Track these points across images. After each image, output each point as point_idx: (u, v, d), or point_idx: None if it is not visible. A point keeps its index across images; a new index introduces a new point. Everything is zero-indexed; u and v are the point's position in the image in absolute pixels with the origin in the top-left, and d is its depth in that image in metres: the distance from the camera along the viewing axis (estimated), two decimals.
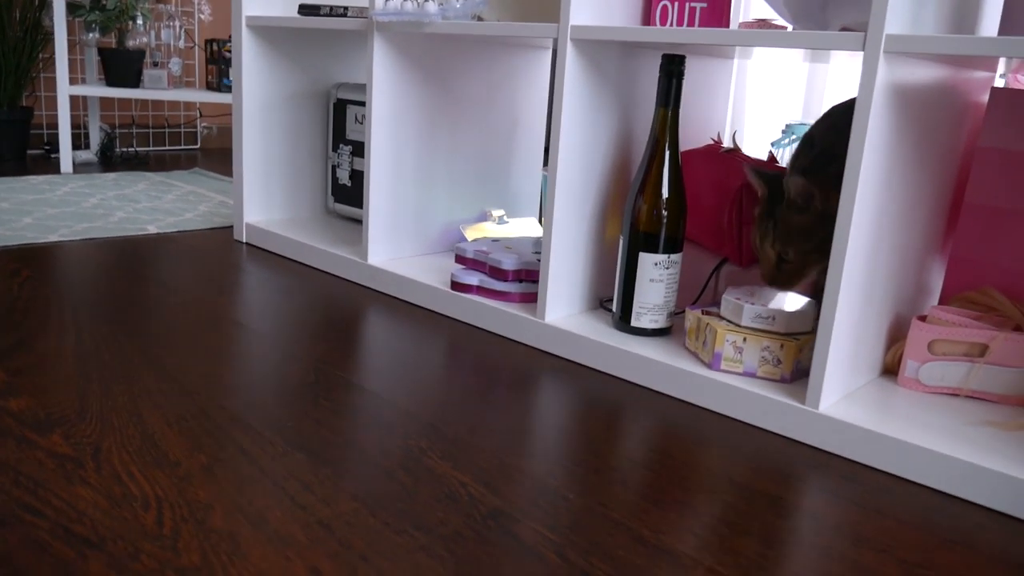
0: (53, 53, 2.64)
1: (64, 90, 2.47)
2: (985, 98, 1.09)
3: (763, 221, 1.07)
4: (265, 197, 1.75)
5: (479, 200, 1.62)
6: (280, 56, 1.71)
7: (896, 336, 1.05)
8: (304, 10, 1.53)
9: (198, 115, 3.26)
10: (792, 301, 1.03)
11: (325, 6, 1.50)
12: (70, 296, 1.31)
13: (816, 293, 1.15)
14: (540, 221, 1.70)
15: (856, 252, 0.89)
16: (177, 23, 2.70)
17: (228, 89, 2.71)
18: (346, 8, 1.47)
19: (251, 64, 1.67)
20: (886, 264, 0.97)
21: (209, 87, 2.79)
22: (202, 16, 2.89)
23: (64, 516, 0.69)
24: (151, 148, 3.15)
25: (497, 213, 1.60)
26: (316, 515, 0.72)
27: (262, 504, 0.73)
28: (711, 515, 0.76)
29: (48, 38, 2.63)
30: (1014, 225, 1.05)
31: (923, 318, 1.00)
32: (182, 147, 3.24)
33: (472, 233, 1.53)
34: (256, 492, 0.75)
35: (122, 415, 0.90)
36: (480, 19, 1.38)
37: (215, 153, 3.19)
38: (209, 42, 2.78)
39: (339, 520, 0.72)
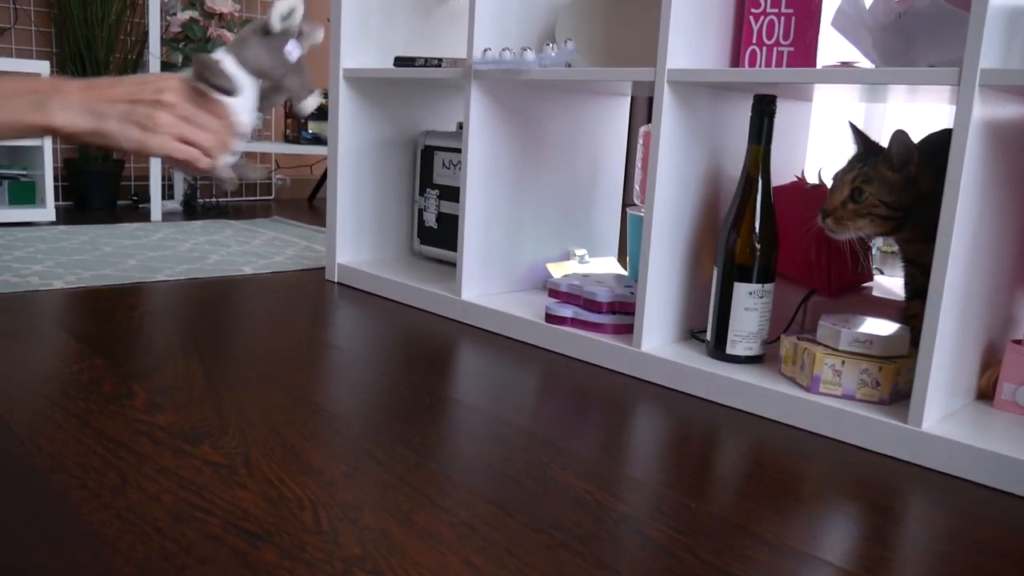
0: None
1: None
2: None
3: (851, 163, 1.13)
4: (355, 239, 1.84)
5: (562, 240, 1.69)
6: (372, 106, 1.81)
7: (989, 361, 1.09)
8: (400, 62, 1.63)
9: (274, 167, 3.40)
10: (885, 327, 1.07)
11: (420, 58, 1.60)
12: (186, 328, 1.39)
13: (906, 320, 1.18)
14: (619, 260, 1.76)
15: (954, 279, 0.93)
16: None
17: (307, 141, 2.84)
18: (440, 59, 1.57)
19: (346, 113, 1.77)
20: (980, 291, 1.01)
21: (287, 139, 2.92)
22: None
23: (231, 514, 0.76)
24: (229, 199, 3.30)
25: (579, 252, 1.66)
26: (458, 516, 0.78)
27: (407, 507, 0.79)
28: (828, 521, 0.80)
29: None
30: None
31: (1019, 342, 1.03)
32: (258, 198, 3.38)
33: (557, 271, 1.60)
34: (399, 497, 0.81)
35: (260, 429, 0.97)
36: (570, 67, 1.46)
37: (289, 203, 3.33)
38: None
39: (480, 521, 0.77)
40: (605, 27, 1.52)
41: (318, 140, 2.85)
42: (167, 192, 3.04)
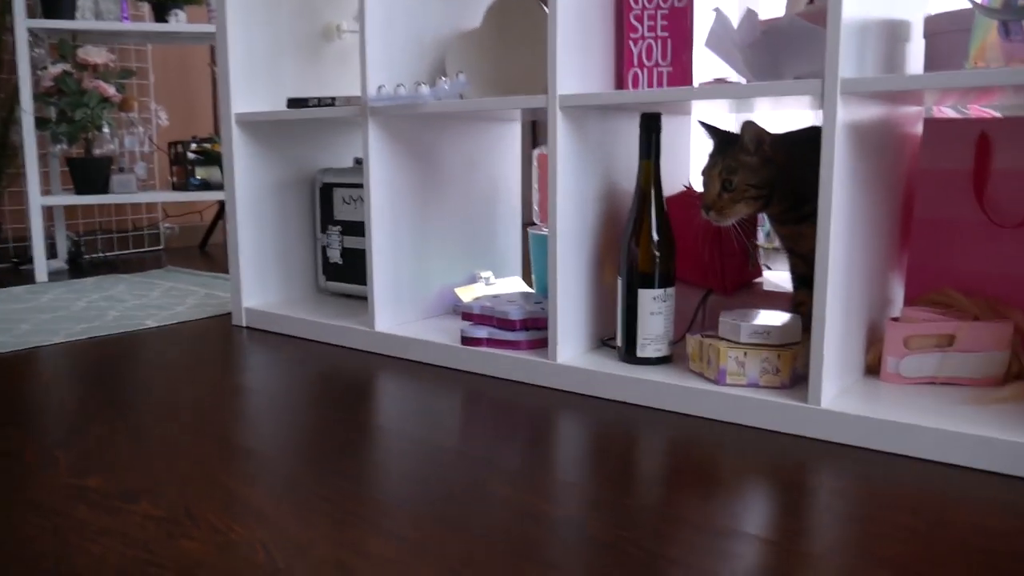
0: (19, 168, 2.70)
1: (35, 202, 2.53)
2: (919, 128, 1.26)
3: (713, 158, 1.23)
4: (260, 281, 1.84)
5: (467, 263, 1.73)
6: (266, 147, 1.82)
7: (872, 340, 1.19)
8: (293, 103, 1.65)
9: (161, 216, 3.32)
10: (778, 318, 1.16)
11: (313, 98, 1.62)
12: (99, 388, 1.36)
13: (795, 308, 1.28)
14: (523, 278, 1.82)
15: (836, 267, 1.02)
16: (140, 129, 2.79)
17: (195, 188, 2.80)
18: (333, 98, 1.59)
19: (240, 157, 1.77)
20: (859, 277, 1.11)
21: (175, 187, 2.87)
22: (160, 121, 2.99)
23: (183, 566, 0.76)
24: (116, 252, 3.20)
25: (485, 274, 1.71)
26: (407, 537, 0.81)
27: (356, 535, 0.81)
28: (749, 499, 0.87)
29: (15, 153, 2.69)
30: (957, 232, 1.20)
31: (896, 319, 1.14)
32: (146, 249, 3.29)
33: (465, 294, 1.64)
34: (346, 527, 0.83)
35: (196, 479, 0.97)
36: (463, 97, 1.52)
37: (179, 252, 3.25)
38: (172, 144, 2.87)
39: (430, 539, 0.80)
40: (492, 58, 1.58)
41: (207, 186, 2.81)
42: (50, 251, 2.93)
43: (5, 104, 2.73)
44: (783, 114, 2.26)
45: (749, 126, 1.18)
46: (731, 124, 2.50)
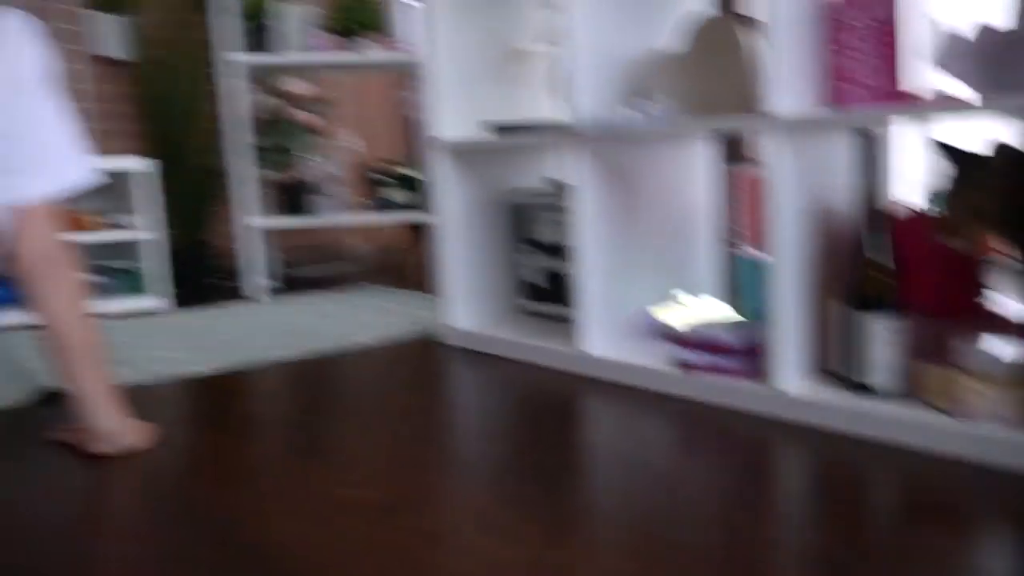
0: (231, 193, 2.94)
1: (249, 224, 2.75)
2: None
3: (958, 181, 1.15)
4: (462, 301, 1.92)
5: (666, 285, 1.74)
6: (466, 170, 1.90)
7: None
8: (500, 130, 1.72)
9: (356, 235, 3.53)
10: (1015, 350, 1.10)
11: (520, 124, 1.69)
12: (344, 402, 1.47)
13: None
14: (723, 300, 1.81)
15: None
16: (336, 154, 2.98)
17: (385, 208, 2.95)
18: (542, 124, 1.65)
19: (444, 182, 1.87)
20: None
21: (367, 209, 3.04)
22: (352, 146, 3.17)
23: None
24: (317, 269, 3.42)
25: (683, 296, 1.72)
26: (672, 564, 0.83)
27: (616, 561, 0.85)
28: (1007, 551, 0.84)
29: (227, 179, 2.94)
30: None
31: None
32: (345, 267, 3.50)
33: (665, 316, 1.65)
34: (611, 552, 0.87)
35: (456, 497, 1.03)
36: (668, 119, 1.53)
37: (375, 269, 3.44)
38: (363, 168, 3.04)
39: (689, 569, 0.82)
40: (693, 78, 1.59)
41: (398, 207, 2.95)
42: (262, 268, 3.16)
43: (219, 134, 2.98)
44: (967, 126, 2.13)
45: (1003, 149, 1.12)
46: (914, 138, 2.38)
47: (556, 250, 1.86)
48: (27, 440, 1.33)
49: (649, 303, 1.72)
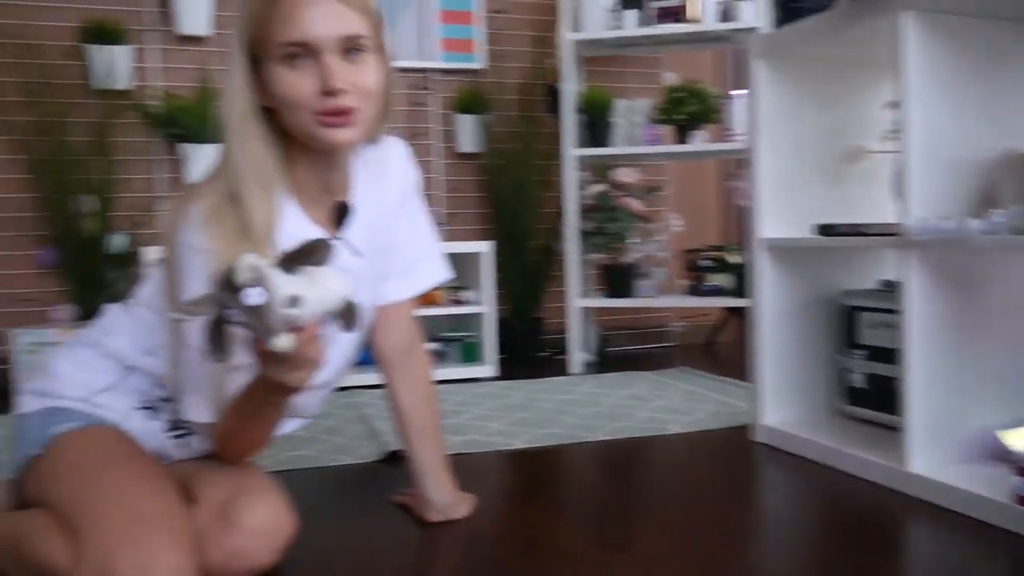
0: (561, 271, 3.15)
1: (574, 304, 2.92)
2: None
3: None
4: (778, 399, 1.88)
5: (1015, 405, 1.56)
6: (790, 268, 1.87)
7: None
8: (824, 230, 1.68)
9: (674, 315, 3.58)
10: None
11: (844, 225, 1.64)
12: (646, 492, 1.51)
13: None
14: None
15: None
16: (661, 238, 3.06)
17: (706, 293, 2.97)
18: (867, 226, 1.59)
19: (765, 279, 1.85)
20: None
21: (687, 292, 3.08)
22: (675, 228, 3.24)
23: None
24: (632, 347, 3.52)
25: None
26: None
27: None
28: None
29: (560, 260, 3.15)
30: None
31: None
32: (659, 345, 3.57)
33: (1013, 440, 1.48)
34: None
35: None
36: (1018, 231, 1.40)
37: (687, 348, 3.46)
38: (686, 251, 3.09)
39: None
40: None
41: (718, 292, 2.96)
42: (582, 344, 3.33)
43: (555, 219, 3.21)
44: None
45: None
46: None
47: (884, 354, 1.75)
48: (372, 495, 1.53)
49: (993, 423, 1.55)
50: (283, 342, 0.89)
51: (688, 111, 2.92)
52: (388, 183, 1.29)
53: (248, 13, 1.08)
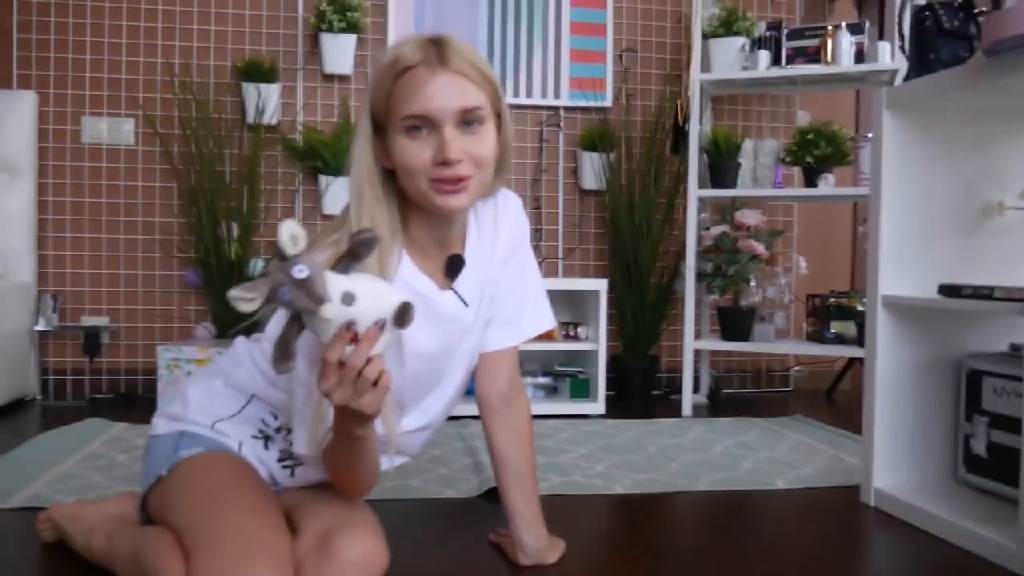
0: (677, 310, 3.13)
1: (689, 344, 2.90)
2: None
3: None
4: (892, 462, 1.81)
5: None
6: (911, 328, 1.80)
7: None
8: (945, 291, 1.61)
9: (793, 360, 3.49)
10: None
11: (967, 286, 1.57)
12: (744, 551, 1.50)
13: None
14: None
15: None
16: (783, 281, 3.00)
17: (828, 340, 2.88)
18: (991, 288, 1.52)
19: (884, 337, 1.79)
20: None
21: (809, 337, 2.99)
22: (799, 270, 3.16)
23: None
24: (748, 390, 3.45)
25: None
26: None
27: None
28: None
29: (676, 300, 3.13)
30: None
31: None
32: (775, 389, 3.48)
33: None
34: None
35: None
36: None
37: (806, 394, 3.36)
38: (810, 296, 3.01)
39: None
40: None
41: (840, 339, 2.86)
42: (695, 384, 3.29)
43: (673, 258, 3.20)
44: None
45: None
46: None
47: (1008, 422, 1.66)
48: (470, 531, 1.58)
49: None
50: (329, 311, 0.95)
51: (818, 154, 2.86)
52: (499, 235, 1.35)
53: (376, 85, 1.18)
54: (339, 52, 3.04)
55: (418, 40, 1.17)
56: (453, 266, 1.28)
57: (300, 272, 0.95)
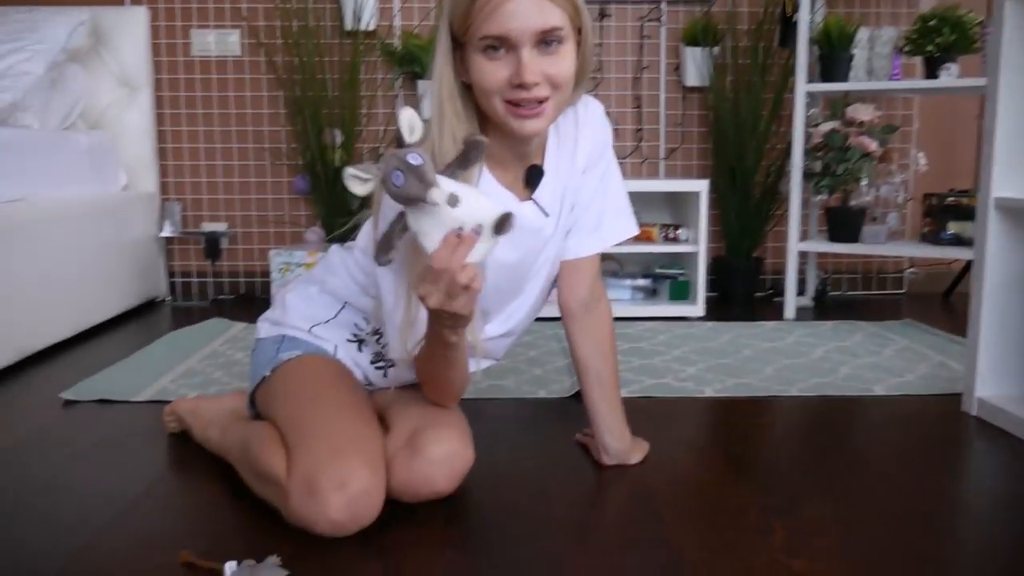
0: (783, 211, 3.03)
1: (793, 246, 2.82)
2: None
3: None
4: (998, 372, 1.74)
5: None
6: None
7: None
8: None
9: (907, 262, 3.35)
10: None
11: None
12: (818, 457, 1.50)
13: None
14: None
15: None
16: (898, 179, 2.85)
17: (945, 242, 2.74)
18: None
19: (995, 242, 1.70)
20: None
21: (924, 238, 2.86)
22: (918, 167, 2.99)
23: None
24: (858, 292, 3.34)
25: None
26: None
27: None
28: None
29: (783, 200, 3.03)
30: None
31: None
32: (888, 292, 3.36)
33: None
34: None
35: None
36: None
37: (921, 298, 3.23)
38: (927, 195, 2.86)
39: None
40: None
41: (958, 240, 2.72)
42: (800, 287, 3.22)
43: (780, 156, 3.09)
44: None
45: None
46: None
47: None
48: (558, 431, 1.64)
49: None
50: (437, 195, 0.98)
51: (941, 42, 2.66)
52: (580, 144, 1.34)
53: (454, 1, 1.15)
54: None
55: None
56: (532, 177, 1.28)
57: (415, 159, 0.98)
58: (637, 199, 1.69)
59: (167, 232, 3.09)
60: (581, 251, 1.40)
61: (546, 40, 1.13)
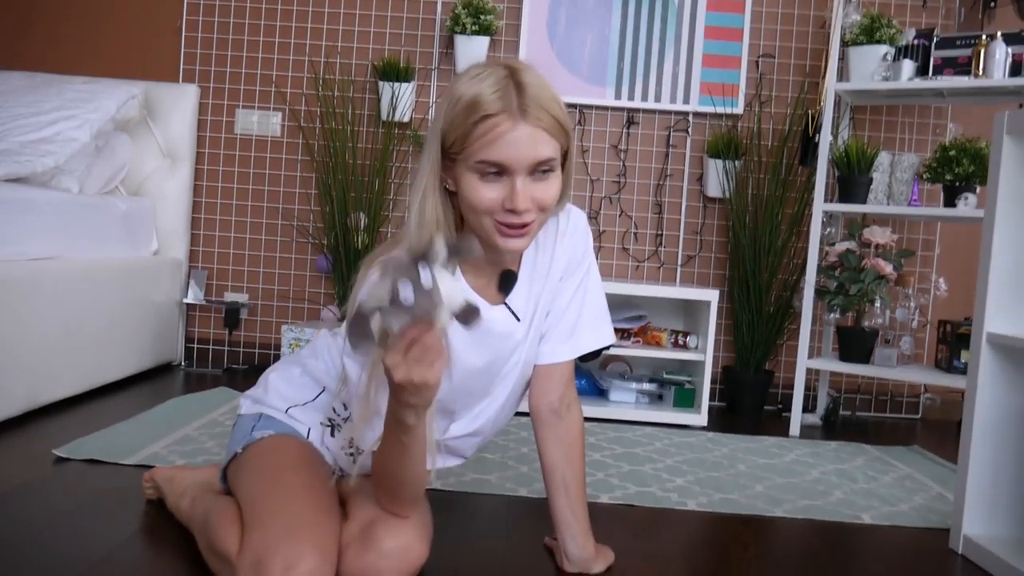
0: (796, 326, 3.02)
1: (803, 363, 2.81)
2: None
3: None
4: (988, 511, 1.70)
5: None
6: (1019, 369, 1.68)
7: None
8: None
9: (923, 387, 3.30)
10: None
11: None
12: None
13: None
14: None
15: None
16: (912, 303, 2.84)
17: (956, 371, 2.71)
18: None
19: (986, 378, 1.69)
20: None
21: (937, 365, 2.82)
22: (939, 292, 2.97)
23: None
24: (872, 414, 3.29)
25: None
26: None
27: None
28: None
29: (796, 315, 3.03)
30: None
31: None
32: (902, 415, 3.30)
33: None
34: None
35: None
36: None
37: (935, 425, 3.16)
38: (943, 322, 2.84)
39: None
40: None
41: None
42: (811, 403, 3.18)
43: (795, 271, 3.10)
44: None
45: None
46: None
47: None
48: (531, 533, 1.63)
49: None
50: (446, 318, 1.01)
51: (959, 172, 2.69)
52: (558, 251, 1.38)
53: (452, 120, 1.19)
54: (471, 53, 3.13)
55: (497, 78, 1.18)
56: (506, 281, 1.32)
57: (428, 281, 1.00)
58: (651, 304, 1.69)
59: (190, 298, 3.18)
60: (554, 357, 1.42)
61: (540, 169, 1.19)
